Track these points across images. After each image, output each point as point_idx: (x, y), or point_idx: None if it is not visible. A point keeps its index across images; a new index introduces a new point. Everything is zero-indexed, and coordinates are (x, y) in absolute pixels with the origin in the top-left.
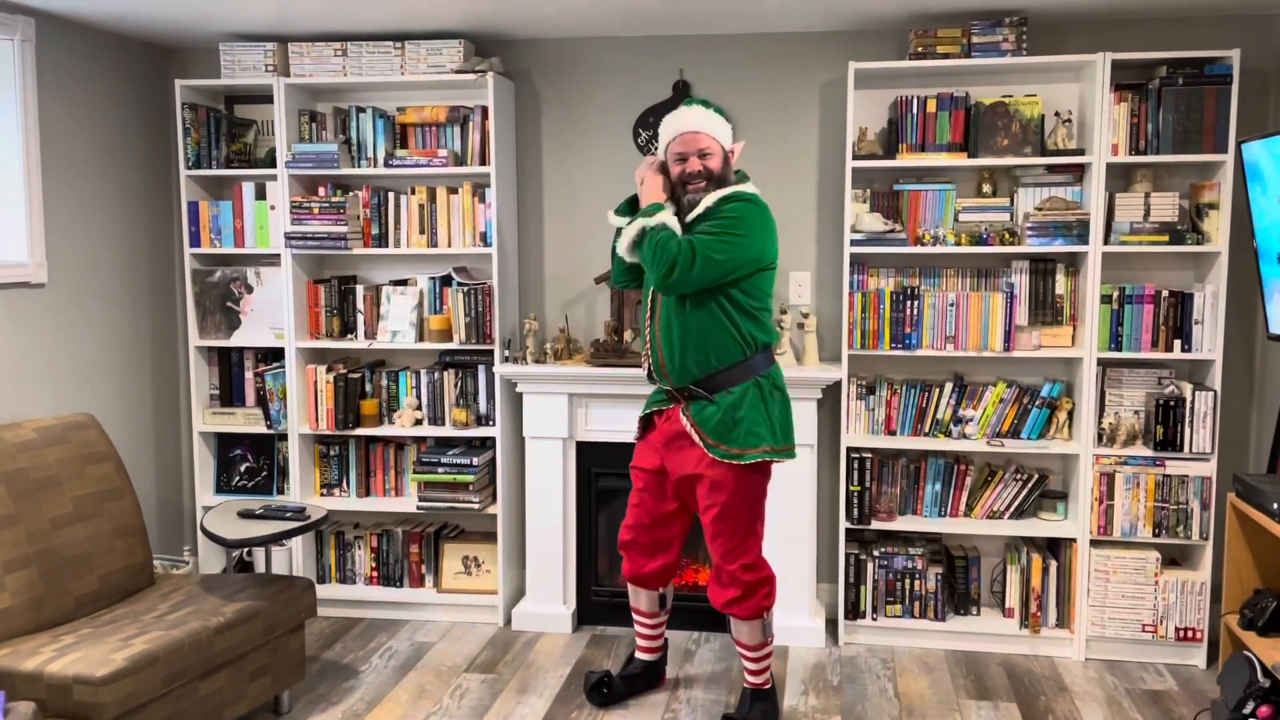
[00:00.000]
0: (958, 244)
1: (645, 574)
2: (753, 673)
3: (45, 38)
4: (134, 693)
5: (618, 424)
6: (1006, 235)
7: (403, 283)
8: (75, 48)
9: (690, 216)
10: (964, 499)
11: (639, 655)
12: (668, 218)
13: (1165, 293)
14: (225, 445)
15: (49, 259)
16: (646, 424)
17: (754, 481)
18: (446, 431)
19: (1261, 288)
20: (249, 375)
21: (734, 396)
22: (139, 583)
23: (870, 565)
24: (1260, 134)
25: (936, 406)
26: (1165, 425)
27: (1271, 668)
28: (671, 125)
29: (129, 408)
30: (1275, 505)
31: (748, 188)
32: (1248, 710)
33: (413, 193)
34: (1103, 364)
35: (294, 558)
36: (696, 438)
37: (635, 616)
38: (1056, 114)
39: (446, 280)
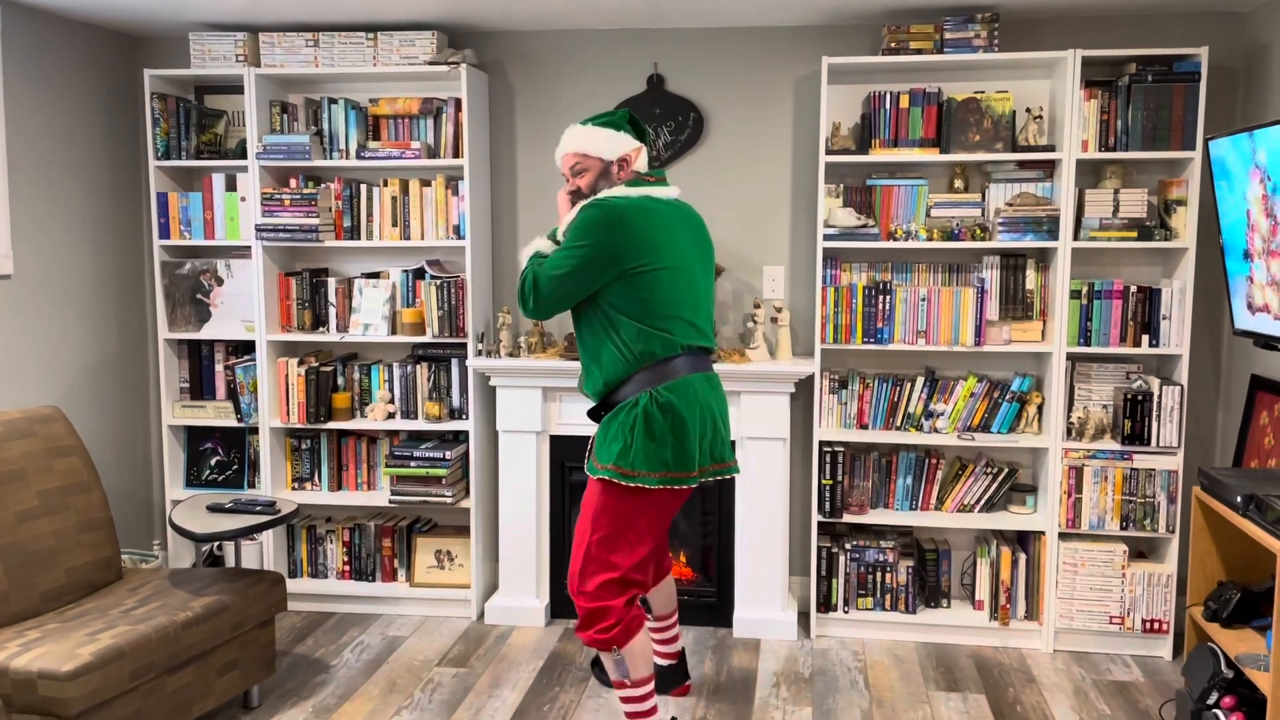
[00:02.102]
0: (930, 239)
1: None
2: (626, 713)
3: (10, 26)
4: (100, 688)
5: None
6: (978, 230)
7: (375, 275)
8: (42, 36)
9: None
10: (935, 492)
11: (656, 660)
12: (540, 244)
13: (1134, 288)
14: (195, 438)
15: (14, 250)
16: None
17: (604, 499)
18: (419, 425)
19: (1227, 283)
20: (219, 368)
21: (614, 418)
22: (106, 577)
23: (842, 558)
24: (1227, 131)
25: (908, 401)
26: (1133, 419)
27: (1235, 659)
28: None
29: (97, 401)
30: (1239, 499)
31: (615, 192)
32: (1211, 700)
33: (385, 185)
34: (1072, 359)
35: (265, 552)
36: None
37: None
38: (1028, 110)
39: (419, 273)
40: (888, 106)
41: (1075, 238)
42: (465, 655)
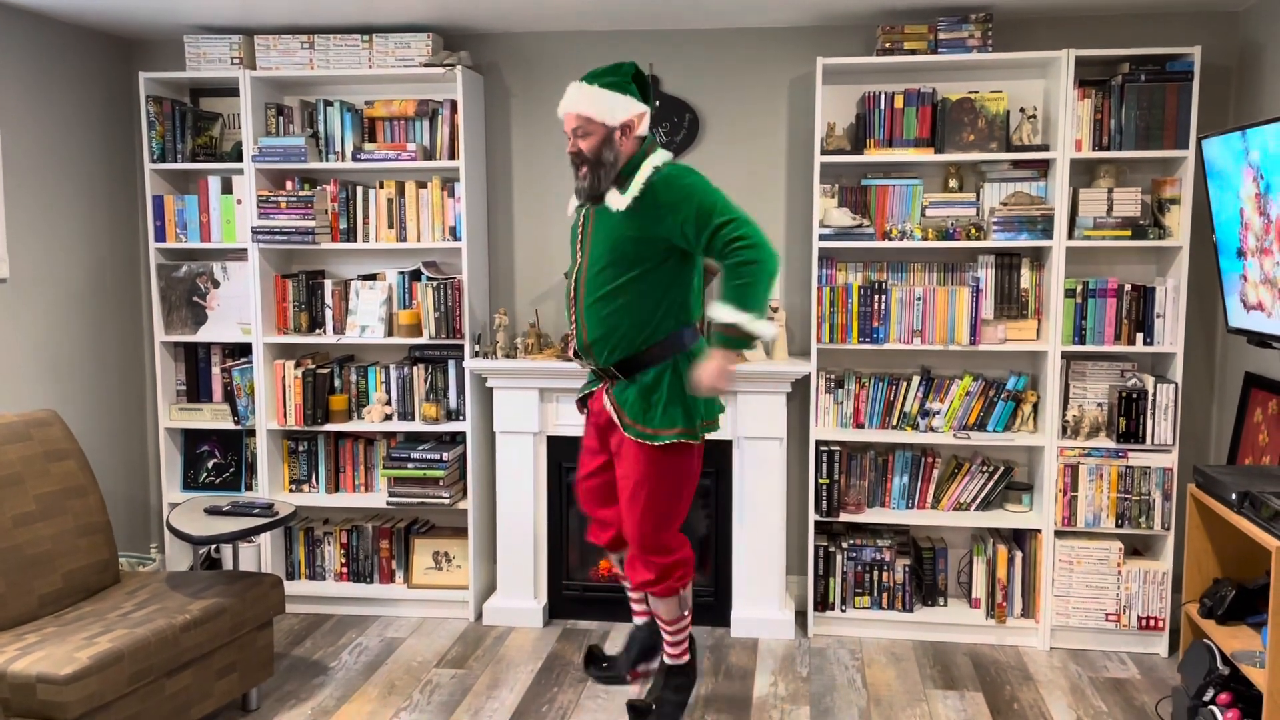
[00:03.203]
0: (925, 239)
1: (601, 542)
2: (670, 644)
3: (6, 29)
4: (98, 691)
5: None
6: (972, 230)
7: (371, 277)
8: (36, 39)
9: (625, 201)
10: (931, 491)
11: (638, 620)
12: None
13: (1128, 286)
14: (192, 441)
15: (10, 253)
16: (584, 405)
17: (672, 463)
18: (416, 427)
19: (1221, 282)
20: (216, 371)
21: (650, 376)
22: (104, 580)
23: (839, 557)
24: (1220, 130)
25: (904, 400)
26: (1128, 417)
27: (1231, 655)
28: (562, 102)
29: (93, 404)
30: (1234, 496)
31: (658, 159)
32: (1207, 697)
33: (381, 187)
34: (1067, 357)
35: (262, 554)
36: (616, 419)
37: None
38: (1022, 110)
39: (416, 275)
40: (882, 107)
41: (1069, 237)
42: (463, 656)
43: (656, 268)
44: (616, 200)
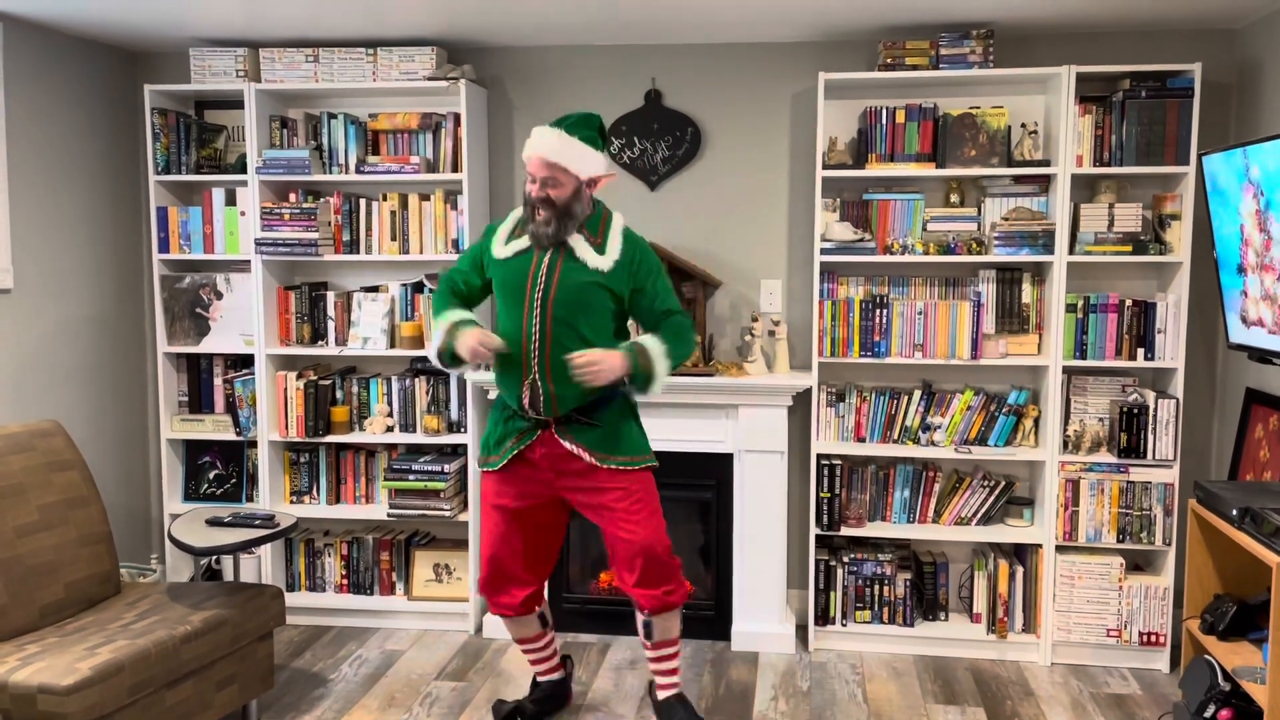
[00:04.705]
0: (926, 253)
1: (516, 604)
2: (672, 672)
3: (12, 42)
4: (99, 702)
5: None
6: (974, 245)
7: (374, 289)
8: (43, 52)
9: (608, 261)
10: (932, 505)
11: (541, 679)
12: (650, 344)
13: (1129, 302)
14: (194, 452)
15: (14, 264)
16: (515, 457)
17: (647, 478)
18: (418, 439)
19: (1222, 297)
20: (218, 382)
21: (614, 411)
22: (105, 591)
23: (840, 571)
24: (1221, 146)
25: (905, 414)
26: (1129, 432)
27: (1232, 671)
28: (532, 142)
29: (96, 414)
30: (1235, 512)
31: (619, 217)
32: (1209, 714)
33: (384, 199)
34: (1068, 372)
35: (263, 566)
36: (587, 457)
37: (522, 647)
38: (1023, 125)
39: (418, 287)
40: (884, 122)
41: (1070, 252)
42: (463, 669)
43: (615, 314)
44: (593, 258)
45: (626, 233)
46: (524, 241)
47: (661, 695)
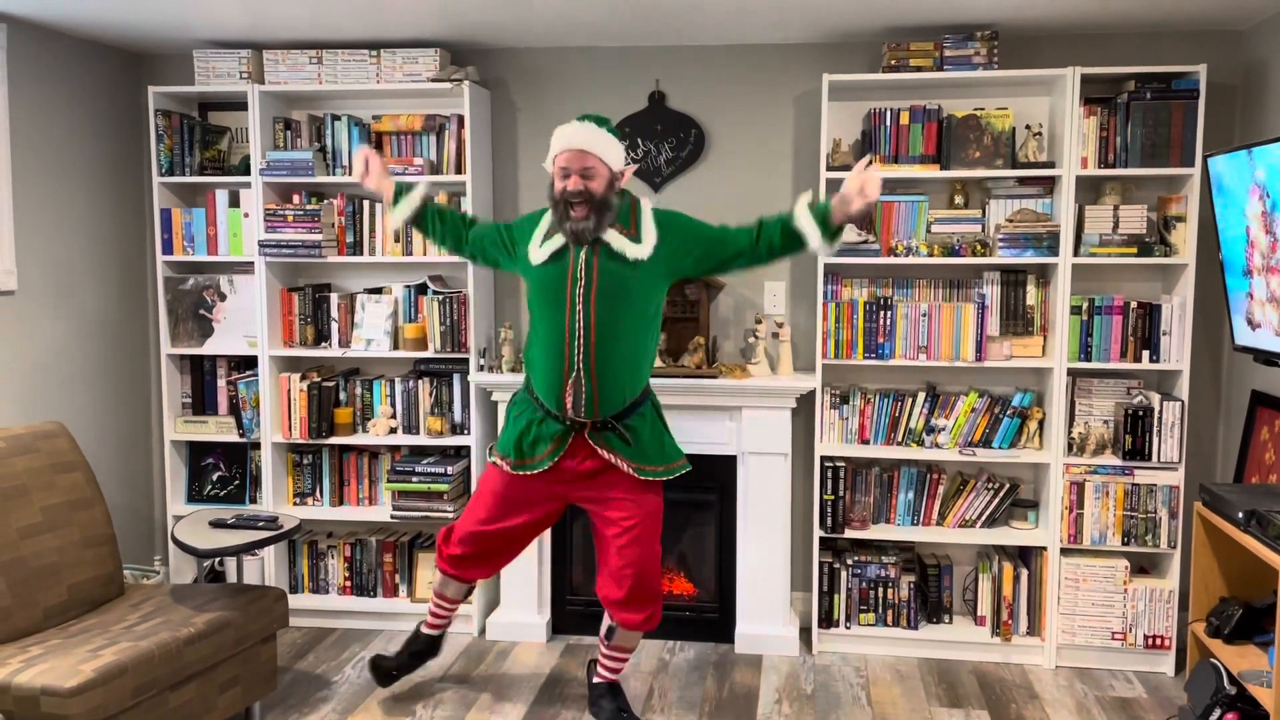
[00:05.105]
0: (930, 255)
1: (479, 576)
2: (618, 670)
3: (16, 44)
4: (102, 704)
5: None
6: (978, 246)
7: (377, 291)
8: (47, 54)
9: (646, 249)
10: (936, 508)
11: (427, 630)
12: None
13: (1134, 304)
14: (197, 454)
15: (19, 265)
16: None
17: (659, 500)
18: (421, 440)
19: (1227, 299)
20: (222, 383)
21: (646, 417)
22: (108, 593)
23: (844, 574)
24: (1226, 148)
25: (909, 416)
26: (1134, 435)
27: (1237, 675)
28: (561, 138)
29: (99, 416)
30: (1240, 514)
31: (646, 201)
32: (1214, 717)
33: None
34: (1072, 374)
35: (266, 567)
36: (625, 468)
37: (438, 600)
38: (1027, 127)
39: (421, 288)
40: (888, 123)
41: (1075, 254)
42: (467, 671)
43: (658, 311)
44: (631, 248)
45: (656, 214)
46: (557, 242)
47: (597, 680)
